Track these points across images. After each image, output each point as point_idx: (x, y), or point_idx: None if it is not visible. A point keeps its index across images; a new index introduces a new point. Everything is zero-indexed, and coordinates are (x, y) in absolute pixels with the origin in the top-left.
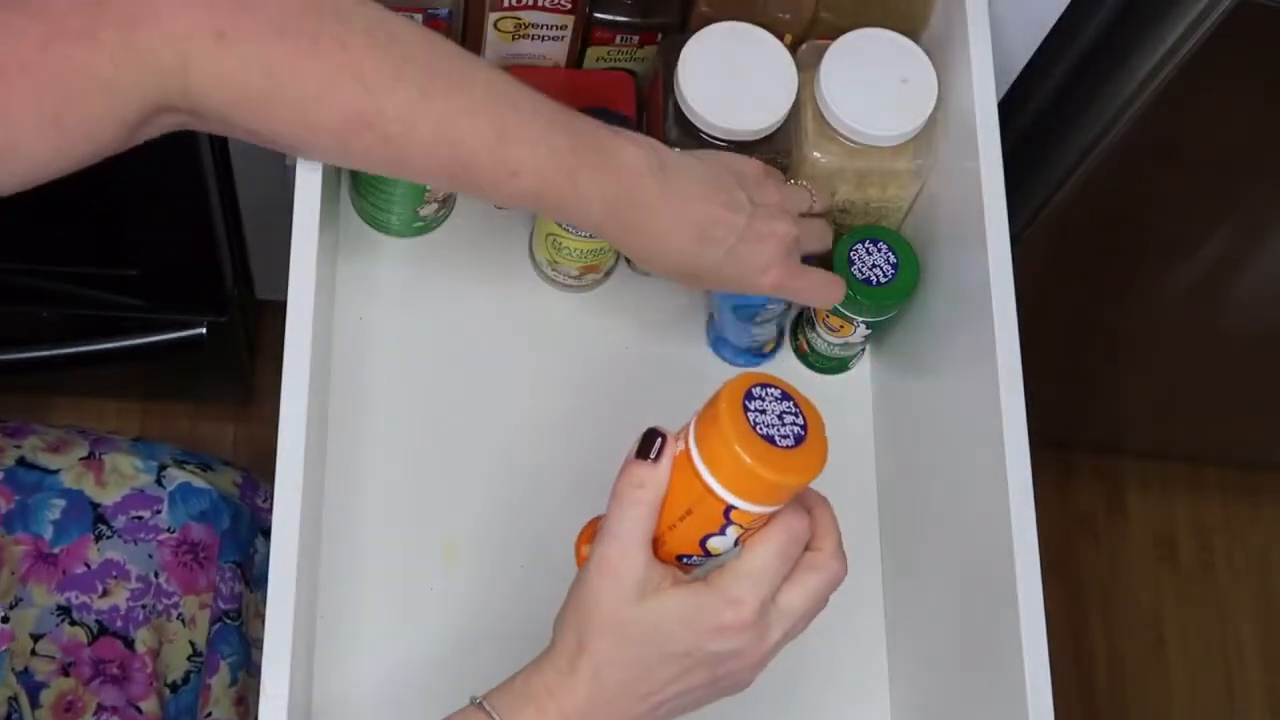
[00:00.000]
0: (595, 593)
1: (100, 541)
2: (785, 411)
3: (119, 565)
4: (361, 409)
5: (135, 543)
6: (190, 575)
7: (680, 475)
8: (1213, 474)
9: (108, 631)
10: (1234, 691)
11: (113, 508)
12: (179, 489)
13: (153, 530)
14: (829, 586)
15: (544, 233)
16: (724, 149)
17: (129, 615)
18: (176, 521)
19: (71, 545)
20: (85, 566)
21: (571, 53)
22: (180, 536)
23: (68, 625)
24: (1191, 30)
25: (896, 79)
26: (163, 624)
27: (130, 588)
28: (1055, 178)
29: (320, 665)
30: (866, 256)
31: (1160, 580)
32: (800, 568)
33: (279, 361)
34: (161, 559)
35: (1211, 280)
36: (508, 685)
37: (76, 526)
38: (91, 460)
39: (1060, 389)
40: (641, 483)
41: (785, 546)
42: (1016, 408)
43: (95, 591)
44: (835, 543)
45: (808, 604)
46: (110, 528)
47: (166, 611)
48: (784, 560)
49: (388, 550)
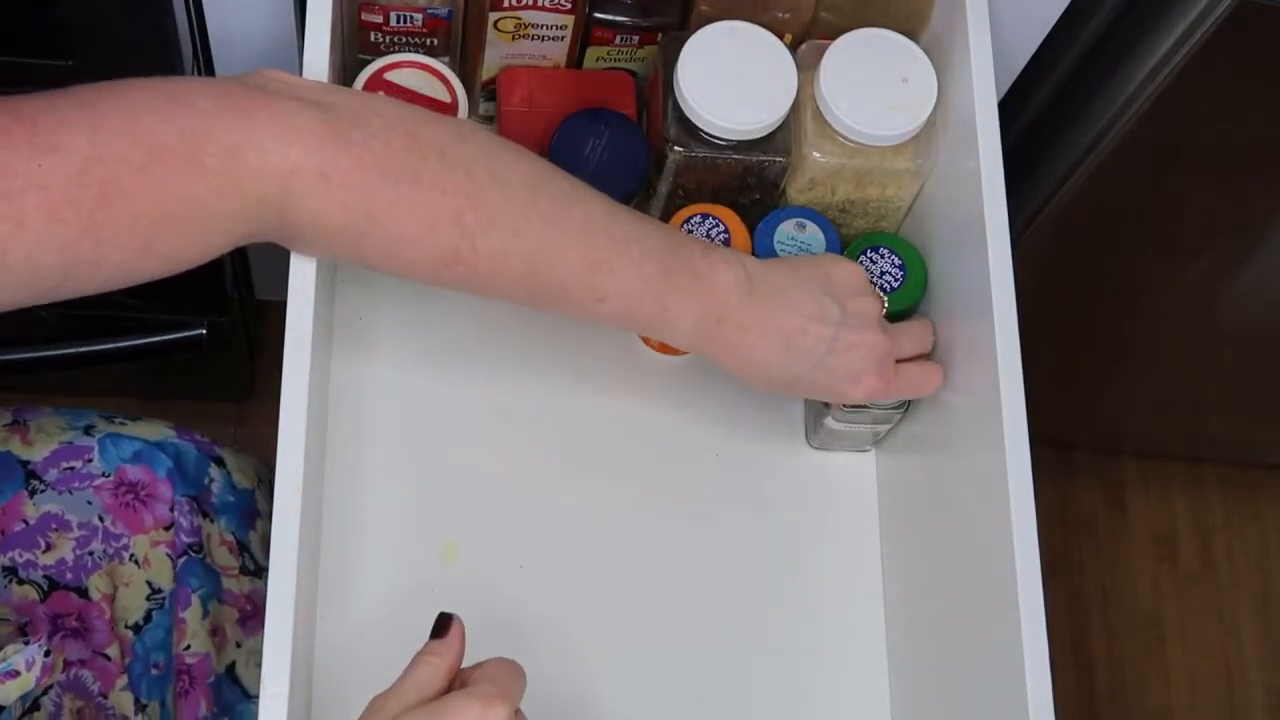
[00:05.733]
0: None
1: (35, 497)
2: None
3: (57, 517)
4: (361, 409)
5: (70, 492)
6: (135, 515)
7: None
8: (1213, 474)
9: (59, 586)
10: (1234, 691)
11: (43, 463)
12: (108, 436)
13: (86, 478)
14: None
15: None
16: (724, 148)
17: (78, 565)
18: (110, 466)
19: (6, 504)
20: (23, 524)
21: (571, 53)
22: (116, 479)
23: (15, 585)
24: (1191, 30)
25: (896, 79)
26: (115, 567)
27: (73, 537)
28: (1055, 178)
29: (320, 665)
30: (873, 266)
31: (1160, 580)
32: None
33: (279, 361)
34: (102, 503)
35: (1212, 280)
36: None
37: (9, 486)
38: (16, 425)
39: (1060, 389)
40: (434, 651)
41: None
42: (1016, 408)
43: (38, 548)
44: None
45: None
46: (43, 482)
47: (118, 554)
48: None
49: (387, 550)
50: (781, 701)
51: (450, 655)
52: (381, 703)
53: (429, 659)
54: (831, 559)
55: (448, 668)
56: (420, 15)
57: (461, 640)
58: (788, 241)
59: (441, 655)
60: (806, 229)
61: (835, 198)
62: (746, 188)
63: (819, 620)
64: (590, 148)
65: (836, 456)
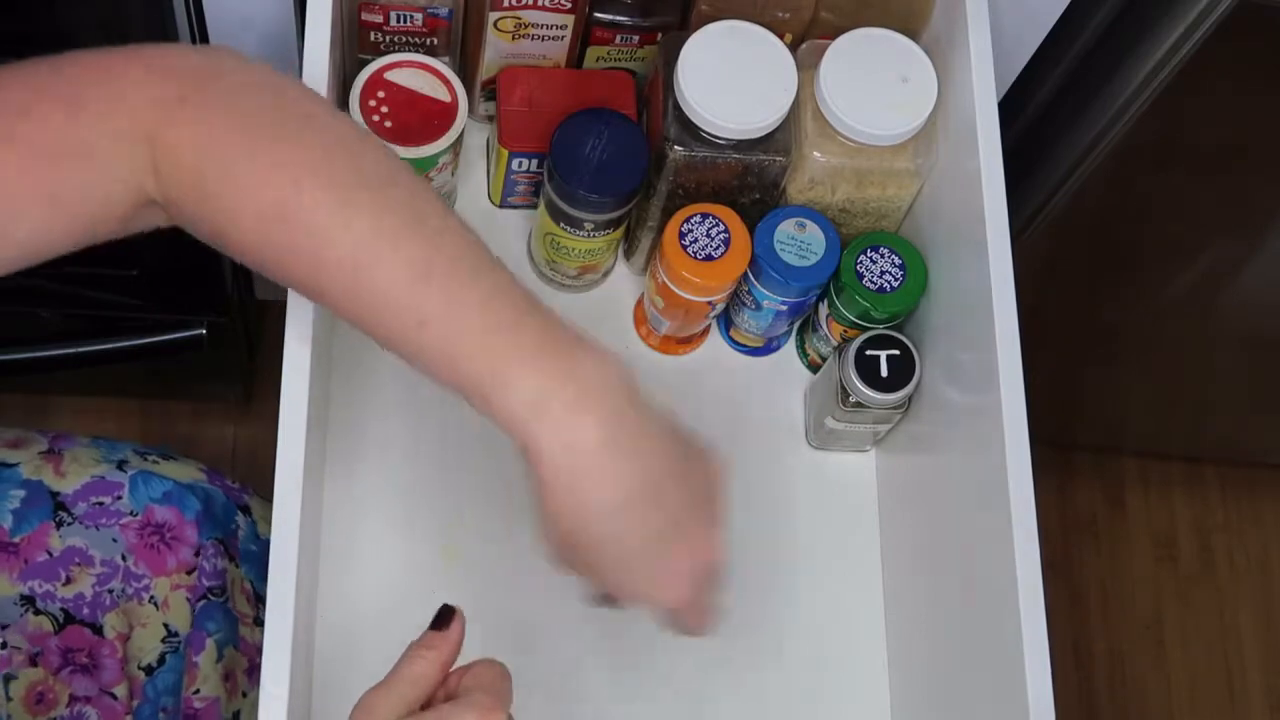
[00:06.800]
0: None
1: (61, 529)
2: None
3: (81, 551)
4: (361, 409)
5: (97, 528)
6: (158, 557)
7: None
8: (1213, 473)
9: (74, 620)
10: (1234, 691)
11: (73, 495)
12: (140, 474)
13: (114, 515)
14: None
15: (543, 232)
16: (724, 148)
17: (95, 601)
18: (139, 504)
19: (32, 534)
20: (47, 554)
21: (571, 53)
22: (144, 519)
23: (32, 614)
24: (1191, 30)
25: (896, 79)
26: (133, 607)
27: (95, 573)
28: (1055, 178)
29: (320, 664)
30: (873, 265)
31: (1160, 580)
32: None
33: (279, 361)
34: (127, 542)
35: (1211, 280)
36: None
37: (36, 515)
38: (50, 454)
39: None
40: (431, 644)
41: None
42: (1017, 408)
43: (58, 580)
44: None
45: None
46: (71, 514)
47: (137, 595)
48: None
49: (387, 550)
50: (782, 701)
51: (447, 649)
52: (373, 700)
53: (424, 652)
54: (831, 559)
55: (443, 662)
56: (420, 15)
57: (460, 635)
58: (788, 241)
59: (437, 649)
60: (806, 228)
61: (835, 197)
62: (746, 187)
63: (819, 620)
64: (590, 148)
65: (836, 456)
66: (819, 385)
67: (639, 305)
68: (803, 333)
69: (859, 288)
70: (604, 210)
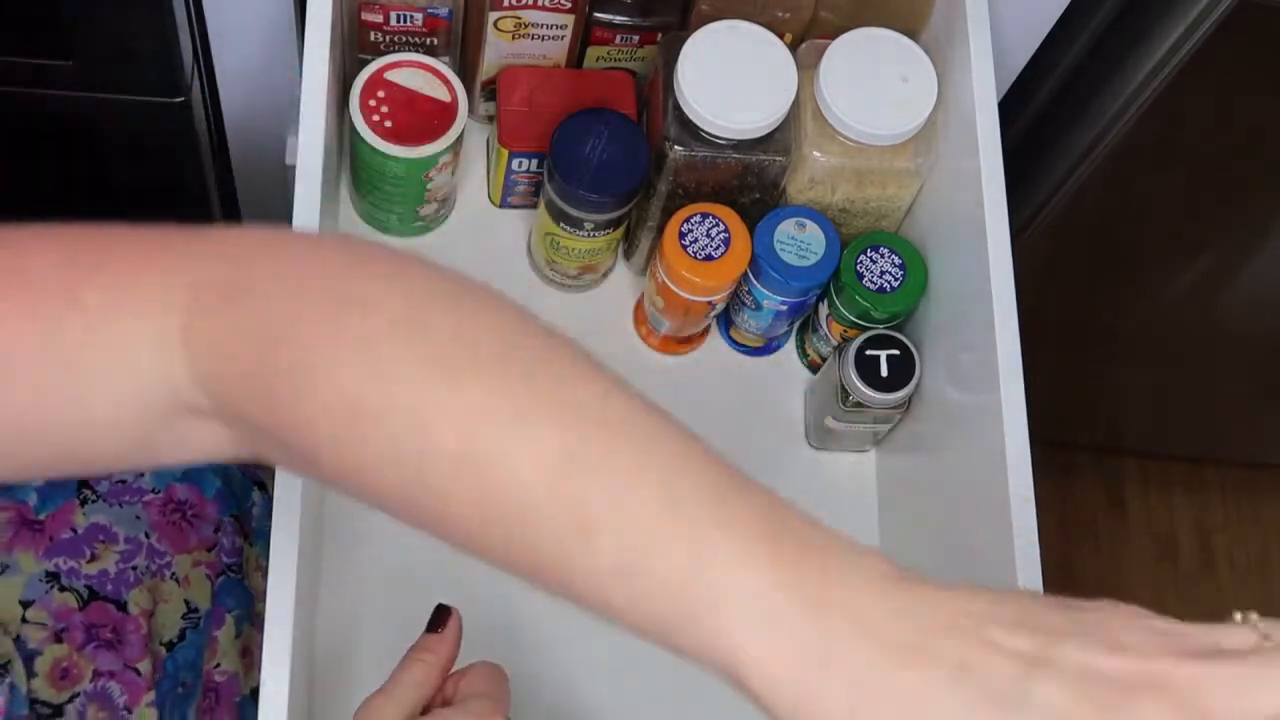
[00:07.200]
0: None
1: (85, 506)
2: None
3: (105, 529)
4: None
5: (121, 505)
6: (180, 534)
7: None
8: (1213, 474)
9: (98, 596)
10: None
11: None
12: None
13: (137, 492)
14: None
15: (543, 232)
16: (724, 147)
17: (119, 578)
18: (160, 482)
19: (57, 511)
20: (72, 531)
21: (571, 53)
22: (166, 496)
23: (57, 591)
24: (1191, 30)
25: (896, 79)
26: (156, 584)
27: (119, 550)
28: (1055, 178)
29: (321, 664)
30: (873, 265)
31: (1160, 580)
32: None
33: None
34: (150, 519)
35: (1211, 280)
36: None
37: (61, 493)
38: None
39: (1060, 389)
40: (429, 647)
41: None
42: (1017, 408)
43: (83, 557)
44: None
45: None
46: (95, 492)
47: (160, 572)
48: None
49: (388, 549)
50: None
51: (445, 651)
52: (375, 705)
53: (423, 656)
54: None
55: (442, 665)
56: (420, 15)
57: (458, 635)
58: (788, 241)
59: (436, 652)
60: (806, 228)
61: (835, 197)
62: (746, 187)
63: None
64: (590, 148)
65: (836, 456)
66: (819, 385)
67: (639, 305)
68: (803, 333)
69: (859, 288)
70: (604, 210)
